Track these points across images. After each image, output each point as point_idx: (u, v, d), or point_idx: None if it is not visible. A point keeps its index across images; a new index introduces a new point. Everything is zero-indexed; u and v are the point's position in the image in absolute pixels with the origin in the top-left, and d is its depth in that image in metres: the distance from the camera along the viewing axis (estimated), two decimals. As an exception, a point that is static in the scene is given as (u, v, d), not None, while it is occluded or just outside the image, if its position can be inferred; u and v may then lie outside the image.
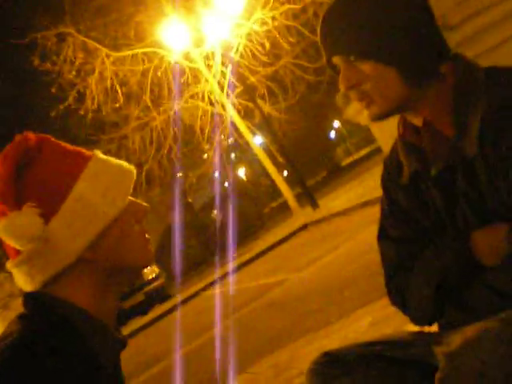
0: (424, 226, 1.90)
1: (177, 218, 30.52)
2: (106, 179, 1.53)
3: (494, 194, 1.74)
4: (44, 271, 1.48)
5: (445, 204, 1.84)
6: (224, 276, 17.95)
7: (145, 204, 1.59)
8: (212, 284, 17.74)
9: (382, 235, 1.99)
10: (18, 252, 1.49)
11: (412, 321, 1.96)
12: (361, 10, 1.79)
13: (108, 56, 23.64)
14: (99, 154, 1.59)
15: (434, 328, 1.95)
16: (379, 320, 5.24)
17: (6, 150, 1.51)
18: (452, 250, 1.80)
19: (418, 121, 1.85)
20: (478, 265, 1.77)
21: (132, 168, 1.60)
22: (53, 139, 1.56)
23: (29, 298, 1.49)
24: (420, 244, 1.90)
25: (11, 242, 1.46)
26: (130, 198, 1.57)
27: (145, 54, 23.89)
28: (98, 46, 23.65)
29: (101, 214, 1.49)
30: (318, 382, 1.87)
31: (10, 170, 1.47)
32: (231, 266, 19.15)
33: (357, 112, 1.90)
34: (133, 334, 16.73)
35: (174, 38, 22.37)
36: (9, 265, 1.51)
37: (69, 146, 1.57)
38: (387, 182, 1.99)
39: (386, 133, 2.16)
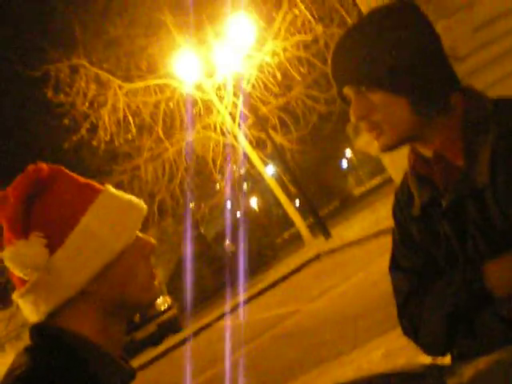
0: (436, 257, 1.89)
1: (189, 248, 30.53)
2: (114, 213, 1.53)
3: (505, 224, 1.74)
4: (48, 302, 1.48)
5: (456, 234, 1.84)
6: (236, 307, 17.88)
7: (152, 240, 1.59)
8: (224, 315, 17.66)
9: (394, 266, 1.99)
10: (23, 282, 1.49)
11: (424, 352, 1.95)
12: (371, 41, 1.80)
13: (120, 87, 23.81)
14: (110, 187, 1.60)
15: (447, 359, 1.94)
16: (393, 351, 5.21)
17: (18, 179, 1.52)
18: (463, 281, 1.80)
19: (428, 152, 1.85)
20: (489, 295, 1.76)
21: (142, 203, 1.60)
22: (65, 171, 1.58)
23: (35, 330, 1.49)
24: (432, 275, 1.89)
25: (16, 271, 1.47)
26: (138, 233, 1.57)
27: (157, 85, 24.05)
28: (110, 77, 23.83)
29: (107, 247, 1.49)
30: None
31: (19, 199, 1.48)
32: (243, 296, 19.08)
33: (367, 143, 1.91)
34: (145, 365, 16.67)
35: (185, 70, 22.52)
36: (15, 295, 1.52)
37: (80, 179, 1.58)
38: (399, 213, 1.99)
39: (397, 163, 2.17)
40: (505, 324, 1.73)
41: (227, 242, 34.51)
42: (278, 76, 23.79)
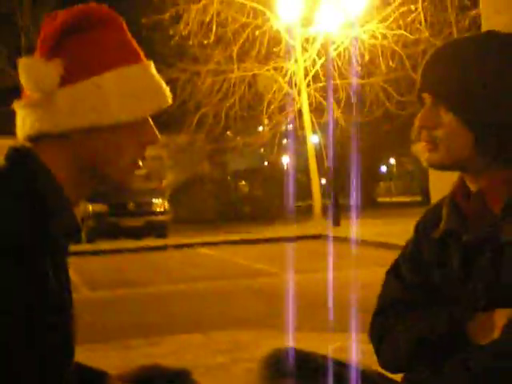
0: (434, 283, 1.90)
1: (207, 168, 30.65)
2: (137, 87, 1.52)
3: (510, 285, 1.74)
4: (33, 125, 1.49)
5: (462, 272, 1.83)
6: (223, 242, 18.07)
7: (158, 135, 1.58)
8: (210, 244, 17.81)
9: (393, 271, 1.99)
10: (26, 96, 1.51)
11: (379, 363, 1.96)
12: (467, 65, 1.76)
13: (219, -7, 23.63)
14: (151, 65, 1.58)
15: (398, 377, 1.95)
16: (347, 350, 5.22)
17: (74, 8, 1.52)
18: (448, 320, 1.79)
19: (473, 186, 1.84)
20: (466, 341, 1.75)
21: (169, 97, 1.58)
22: (122, 23, 1.56)
23: (12, 148, 1.51)
24: (423, 298, 1.90)
25: (23, 80, 1.47)
26: (149, 119, 1.56)
27: (253, 8, 23.85)
28: (215, -21, 23.63)
29: (109, 112, 1.48)
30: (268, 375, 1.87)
31: (64, 24, 1.48)
32: (233, 237, 19.23)
33: (423, 151, 1.90)
34: (119, 252, 16.93)
35: (286, 8, 22.33)
36: (15, 104, 1.54)
37: (131, 40, 1.56)
38: (421, 228, 1.99)
39: (442, 185, 2.16)
40: (469, 375, 1.71)
41: (243, 182, 34.57)
42: (366, 57, 23.56)
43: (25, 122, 1.51)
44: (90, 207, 19.79)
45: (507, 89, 1.74)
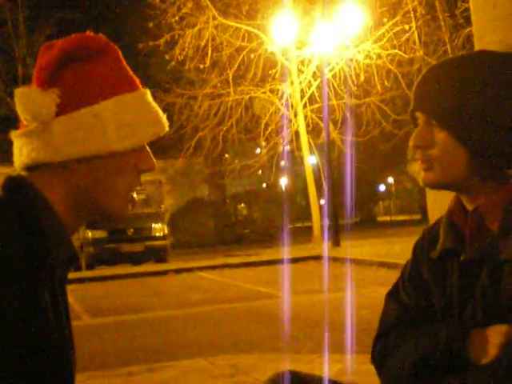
0: (433, 304, 1.89)
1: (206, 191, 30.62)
2: (133, 116, 1.52)
3: (511, 303, 1.73)
4: (30, 155, 1.49)
5: (460, 292, 1.83)
6: (223, 265, 18.01)
7: (154, 161, 1.57)
8: (210, 268, 17.75)
9: (393, 294, 1.98)
10: (23, 127, 1.51)
11: (382, 387, 1.95)
12: (460, 83, 1.76)
13: (214, 18, 23.78)
14: (147, 93, 1.58)
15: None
16: (347, 372, 5.21)
17: (71, 37, 1.52)
18: (445, 338, 1.78)
19: (469, 205, 1.84)
20: (465, 361, 1.75)
21: (165, 124, 1.58)
22: (118, 53, 1.57)
23: (10, 179, 1.50)
24: (423, 319, 1.89)
25: (19, 110, 1.48)
26: (146, 147, 1.56)
27: (248, 32, 23.99)
28: (209, 4, 23.79)
29: (105, 141, 1.48)
30: None
31: (61, 54, 1.49)
32: (232, 260, 19.19)
33: (419, 171, 1.90)
34: (121, 277, 16.88)
35: (281, 30, 22.45)
36: (12, 133, 1.54)
37: (127, 68, 1.57)
38: (419, 249, 1.98)
39: (439, 205, 2.16)
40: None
41: (242, 204, 34.57)
42: (362, 77, 23.64)
43: (22, 151, 1.51)
44: (90, 234, 19.80)
45: (500, 106, 1.74)
